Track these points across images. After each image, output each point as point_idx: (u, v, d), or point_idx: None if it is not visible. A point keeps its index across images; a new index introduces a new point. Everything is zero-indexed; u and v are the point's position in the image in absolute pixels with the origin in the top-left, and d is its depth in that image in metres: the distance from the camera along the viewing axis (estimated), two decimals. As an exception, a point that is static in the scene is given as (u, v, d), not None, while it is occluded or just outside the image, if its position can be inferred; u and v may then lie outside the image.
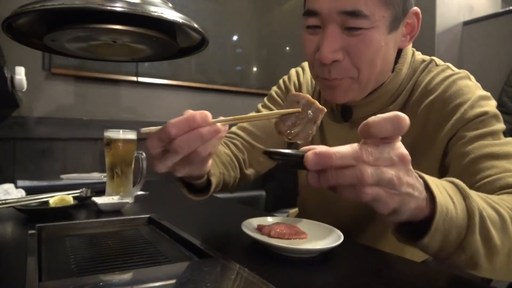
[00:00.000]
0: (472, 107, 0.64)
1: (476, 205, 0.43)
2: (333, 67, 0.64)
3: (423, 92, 0.69)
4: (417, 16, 0.67)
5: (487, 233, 0.44)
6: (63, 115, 1.49)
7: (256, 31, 1.98)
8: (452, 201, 0.43)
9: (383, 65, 0.66)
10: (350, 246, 0.64)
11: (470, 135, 0.61)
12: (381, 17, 0.61)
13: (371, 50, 0.62)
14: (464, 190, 0.44)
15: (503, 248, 0.45)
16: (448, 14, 2.17)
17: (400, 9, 0.63)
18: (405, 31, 0.67)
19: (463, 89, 0.66)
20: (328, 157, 0.37)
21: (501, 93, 1.96)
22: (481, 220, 0.43)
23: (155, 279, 0.44)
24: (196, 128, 0.48)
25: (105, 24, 0.65)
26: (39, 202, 0.87)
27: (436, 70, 0.71)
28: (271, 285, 0.42)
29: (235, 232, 0.69)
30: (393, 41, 0.65)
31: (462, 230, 0.42)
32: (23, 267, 0.47)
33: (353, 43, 0.62)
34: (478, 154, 0.59)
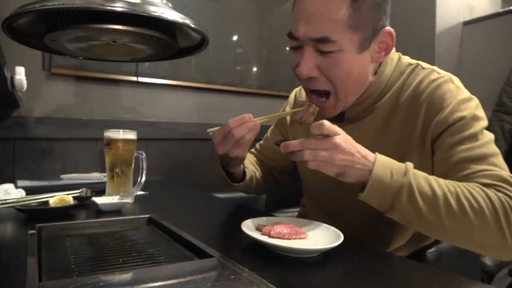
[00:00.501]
0: (452, 112, 0.71)
1: (408, 181, 0.62)
2: (312, 81, 0.75)
3: (413, 94, 0.76)
4: (391, 35, 0.74)
5: (414, 201, 0.61)
6: (63, 115, 1.49)
7: (256, 31, 1.98)
8: (391, 174, 0.63)
9: (358, 80, 0.75)
10: (350, 246, 0.64)
11: (449, 141, 0.69)
12: (348, 40, 0.70)
13: (342, 69, 0.72)
14: (407, 170, 0.63)
15: (430, 215, 0.61)
16: (448, 14, 2.17)
17: (369, 31, 0.71)
18: (378, 48, 0.74)
19: (446, 94, 0.72)
20: (287, 146, 0.65)
21: (501, 93, 1.96)
22: (410, 192, 0.61)
23: (155, 279, 0.44)
24: (245, 123, 0.73)
25: (105, 24, 0.65)
26: (39, 202, 0.87)
27: (423, 73, 0.77)
28: (271, 285, 0.42)
29: (235, 232, 0.69)
30: (365, 59, 0.74)
31: (393, 195, 0.62)
32: (23, 267, 0.47)
33: (326, 63, 0.72)
34: (455, 159, 0.68)
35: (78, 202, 0.89)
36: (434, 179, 0.64)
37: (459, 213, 0.60)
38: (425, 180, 0.63)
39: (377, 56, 0.75)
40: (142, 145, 1.59)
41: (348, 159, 0.62)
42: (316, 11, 0.69)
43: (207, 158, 1.80)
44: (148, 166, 1.03)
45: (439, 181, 0.64)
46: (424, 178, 0.63)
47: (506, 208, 0.60)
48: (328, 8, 0.68)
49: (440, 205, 0.60)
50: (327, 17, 0.69)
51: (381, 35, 0.73)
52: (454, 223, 0.60)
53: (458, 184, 0.63)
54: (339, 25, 0.69)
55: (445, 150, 0.70)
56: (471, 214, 0.60)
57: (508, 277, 1.41)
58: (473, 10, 2.28)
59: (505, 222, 0.60)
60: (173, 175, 1.70)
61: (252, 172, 0.97)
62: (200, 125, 1.79)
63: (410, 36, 2.21)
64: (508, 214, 0.60)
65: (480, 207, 0.60)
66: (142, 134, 1.36)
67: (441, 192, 0.61)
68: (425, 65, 0.80)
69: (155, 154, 1.66)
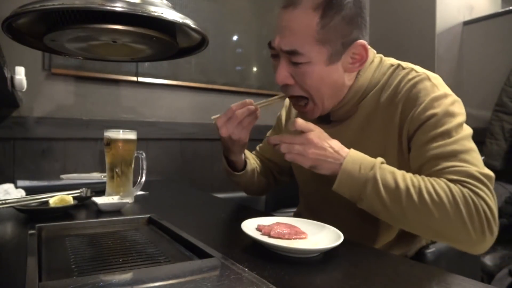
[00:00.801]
0: (425, 109, 0.73)
1: (374, 174, 0.67)
2: (288, 87, 0.81)
3: (392, 93, 0.79)
4: (364, 47, 0.77)
5: (378, 193, 0.66)
6: (63, 115, 1.49)
7: (256, 31, 1.98)
8: (359, 168, 0.68)
9: (331, 88, 0.79)
10: (350, 246, 0.64)
11: (423, 139, 0.72)
12: (317, 53, 0.74)
13: (312, 80, 0.77)
14: (374, 165, 0.68)
15: (392, 207, 0.66)
16: (448, 14, 2.17)
17: (338, 45, 0.75)
18: (352, 60, 0.78)
19: (421, 91, 0.75)
20: (269, 139, 0.76)
21: (501, 93, 1.96)
22: (375, 184, 0.67)
23: (155, 279, 0.44)
24: (247, 105, 0.83)
25: (105, 24, 0.65)
26: (39, 202, 0.87)
27: (402, 73, 0.80)
28: (271, 285, 0.42)
29: (235, 232, 0.69)
30: (336, 70, 0.77)
31: (360, 187, 0.68)
32: (23, 267, 0.47)
33: (297, 73, 0.77)
34: (427, 156, 0.71)
35: (78, 202, 0.89)
36: (400, 174, 0.68)
37: (420, 205, 0.64)
38: (391, 174, 0.67)
39: (350, 66, 0.79)
40: (142, 145, 1.59)
41: (320, 153, 0.70)
42: (288, 25, 0.75)
43: (207, 158, 1.80)
44: (148, 166, 1.04)
45: (405, 175, 0.68)
46: (390, 173, 0.68)
47: (469, 203, 0.63)
48: (298, 23, 0.74)
49: (402, 198, 0.65)
50: (297, 31, 0.74)
51: (354, 47, 0.76)
52: (415, 214, 0.65)
53: (424, 179, 0.67)
54: (307, 39, 0.73)
55: (419, 148, 0.73)
56: (431, 207, 0.63)
57: (508, 277, 1.41)
58: (473, 10, 2.28)
59: (467, 216, 0.63)
60: (173, 175, 1.70)
61: (253, 165, 1.02)
62: (200, 125, 1.79)
63: (410, 36, 2.21)
64: (470, 208, 0.63)
65: (440, 201, 0.63)
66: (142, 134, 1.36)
67: (404, 186, 0.66)
68: (405, 65, 0.83)
69: (155, 154, 1.66)
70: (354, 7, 0.75)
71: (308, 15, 0.73)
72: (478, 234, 0.64)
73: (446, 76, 2.42)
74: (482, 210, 0.63)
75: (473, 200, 0.63)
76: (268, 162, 1.10)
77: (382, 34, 2.37)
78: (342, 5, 0.73)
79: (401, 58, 0.87)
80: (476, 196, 0.64)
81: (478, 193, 0.64)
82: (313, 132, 0.71)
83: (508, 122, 1.91)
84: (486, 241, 0.65)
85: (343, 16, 0.74)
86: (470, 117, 2.46)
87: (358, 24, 0.76)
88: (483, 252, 0.68)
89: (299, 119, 0.72)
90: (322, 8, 0.73)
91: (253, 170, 1.01)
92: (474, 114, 2.16)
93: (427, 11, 2.13)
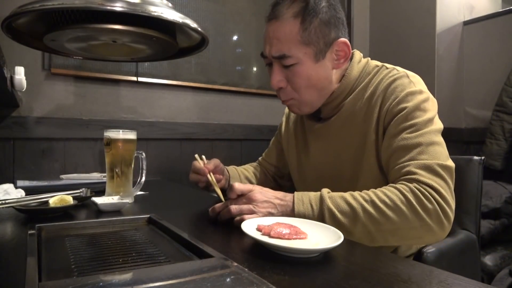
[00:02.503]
0: (398, 102, 0.81)
1: (327, 206, 0.71)
2: (281, 92, 0.90)
3: (374, 90, 0.86)
4: (346, 44, 0.87)
5: (338, 220, 0.70)
6: (63, 115, 1.49)
7: (256, 31, 1.98)
8: (311, 206, 0.72)
9: (319, 84, 0.87)
10: (350, 246, 0.64)
11: (393, 131, 0.79)
12: (303, 54, 0.84)
13: (302, 78, 0.86)
14: (322, 197, 0.72)
15: (355, 228, 0.69)
16: (448, 14, 2.17)
17: (321, 44, 0.84)
18: (336, 56, 0.87)
19: (398, 87, 0.83)
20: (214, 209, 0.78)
21: (501, 93, 1.95)
22: (331, 214, 0.70)
23: (155, 279, 0.44)
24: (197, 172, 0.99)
25: (105, 24, 0.65)
26: (39, 202, 0.87)
27: (385, 72, 0.87)
28: (271, 285, 0.42)
29: (235, 232, 0.69)
30: (324, 67, 0.86)
31: (320, 221, 0.69)
32: (23, 267, 0.47)
33: (289, 75, 0.86)
34: (394, 147, 0.78)
35: (78, 202, 0.89)
36: (349, 195, 0.72)
37: (379, 216, 0.69)
38: (341, 199, 0.71)
39: (336, 63, 0.88)
40: (142, 145, 1.59)
41: (268, 206, 0.73)
42: (275, 35, 0.85)
43: (207, 158, 1.79)
44: (148, 166, 1.04)
45: (354, 195, 0.72)
46: (340, 197, 0.72)
47: (418, 195, 0.69)
48: (283, 31, 0.84)
49: (360, 215, 0.69)
50: (283, 38, 0.84)
51: (336, 45, 0.86)
52: (377, 225, 0.69)
53: (373, 190, 0.72)
54: (293, 43, 0.83)
55: (389, 138, 0.80)
56: (388, 213, 0.68)
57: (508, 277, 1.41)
58: (473, 10, 2.28)
59: (421, 208, 0.68)
60: (173, 175, 1.70)
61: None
62: (200, 125, 1.79)
63: (410, 35, 2.21)
64: (421, 200, 0.68)
65: (394, 204, 0.69)
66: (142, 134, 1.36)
67: (357, 204, 0.70)
68: (388, 65, 0.90)
69: (155, 154, 1.66)
70: (329, 10, 0.85)
71: (290, 23, 0.83)
72: (435, 223, 0.69)
73: (446, 76, 2.43)
74: (433, 198, 0.69)
75: (421, 191, 0.69)
76: (271, 167, 1.18)
77: (382, 34, 2.37)
78: (318, 10, 0.83)
79: (401, 57, 0.89)
80: (425, 187, 0.70)
81: (428, 184, 0.70)
82: (254, 190, 0.75)
83: (508, 122, 1.91)
84: (444, 229, 0.70)
85: (320, 19, 0.83)
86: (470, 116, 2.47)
87: (335, 24, 0.85)
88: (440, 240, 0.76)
89: (235, 184, 0.75)
90: (301, 15, 0.83)
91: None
92: (474, 114, 2.16)
93: (427, 10, 2.13)
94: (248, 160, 1.26)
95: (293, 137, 1.06)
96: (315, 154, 0.97)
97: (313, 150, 0.98)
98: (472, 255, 0.97)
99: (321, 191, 0.74)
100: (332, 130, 0.92)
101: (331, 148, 0.92)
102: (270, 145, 1.22)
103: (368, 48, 2.41)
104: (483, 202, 1.67)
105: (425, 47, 2.14)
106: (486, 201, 1.70)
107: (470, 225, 1.01)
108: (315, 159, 0.97)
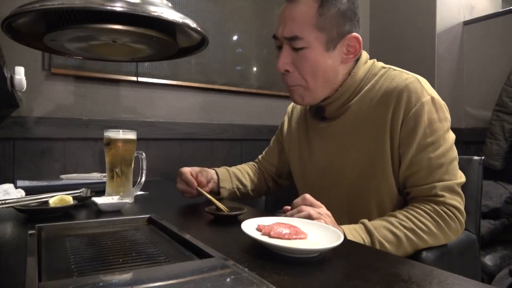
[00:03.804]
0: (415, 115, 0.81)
1: (377, 238, 0.76)
2: (288, 76, 0.89)
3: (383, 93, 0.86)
4: (358, 40, 0.87)
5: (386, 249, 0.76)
6: (63, 115, 1.49)
7: (256, 31, 1.98)
8: (361, 238, 0.75)
9: (326, 75, 0.87)
10: (350, 246, 0.64)
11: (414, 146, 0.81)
12: (315, 38, 0.84)
13: (309, 64, 0.85)
14: (369, 229, 0.76)
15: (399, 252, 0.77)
16: (448, 14, 2.17)
17: (334, 33, 0.84)
18: (346, 51, 0.87)
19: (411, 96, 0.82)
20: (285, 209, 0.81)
21: (501, 93, 1.95)
22: (381, 245, 0.76)
23: (155, 279, 0.44)
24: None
25: (105, 24, 0.65)
26: (39, 202, 0.87)
27: (394, 75, 0.87)
28: (271, 285, 0.42)
29: (235, 232, 0.69)
30: (333, 58, 0.86)
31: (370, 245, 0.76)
32: (23, 267, 0.47)
33: (298, 58, 0.86)
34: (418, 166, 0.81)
35: (78, 202, 0.89)
36: (391, 225, 0.78)
37: (420, 242, 0.79)
38: (386, 230, 0.77)
39: (345, 57, 0.88)
40: (142, 145, 1.59)
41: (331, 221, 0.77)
42: (289, 15, 0.85)
43: (207, 158, 1.80)
44: (148, 166, 1.04)
45: (394, 224, 0.78)
46: (385, 228, 0.77)
47: (444, 217, 0.79)
48: (299, 12, 0.84)
49: (404, 243, 0.78)
50: (298, 19, 0.84)
51: (348, 39, 0.86)
52: (416, 247, 0.80)
53: (409, 217, 0.79)
54: (306, 25, 0.83)
55: (411, 154, 0.82)
56: (426, 238, 0.79)
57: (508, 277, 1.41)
58: (473, 10, 2.28)
59: (447, 227, 0.80)
60: (173, 175, 1.69)
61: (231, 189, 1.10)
62: (200, 125, 1.79)
63: (410, 35, 2.21)
64: (447, 221, 0.80)
65: (429, 230, 0.79)
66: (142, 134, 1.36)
67: (401, 234, 0.77)
68: (396, 68, 0.90)
69: (155, 154, 1.66)
70: (348, 3, 0.85)
71: (308, 4, 0.84)
72: (455, 235, 0.83)
73: (446, 76, 2.43)
74: (456, 217, 0.80)
75: (448, 214, 0.80)
76: (270, 167, 1.19)
77: (382, 34, 2.37)
78: (338, 0, 0.84)
79: (401, 57, 0.89)
80: (451, 207, 0.80)
81: (453, 204, 0.80)
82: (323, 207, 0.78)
83: (508, 122, 1.91)
84: (459, 233, 0.84)
85: (338, 8, 0.84)
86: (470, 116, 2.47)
87: (351, 18, 0.86)
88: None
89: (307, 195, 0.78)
90: (321, 0, 0.83)
91: (232, 193, 1.10)
92: (474, 114, 2.16)
93: (427, 11, 2.13)
94: (248, 160, 1.26)
95: (296, 135, 1.06)
96: (318, 153, 0.97)
97: (316, 149, 0.98)
98: (472, 255, 0.97)
99: (363, 223, 0.78)
100: (338, 131, 0.92)
101: (335, 149, 0.92)
102: (270, 144, 1.22)
103: (368, 48, 2.41)
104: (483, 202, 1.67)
105: (425, 47, 2.14)
106: (486, 201, 1.70)
107: (470, 225, 1.01)
108: (318, 158, 0.97)
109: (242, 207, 0.86)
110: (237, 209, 0.83)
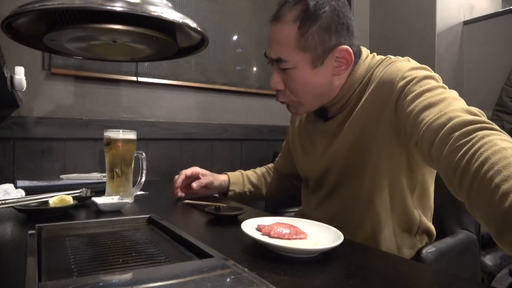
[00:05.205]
0: (403, 77, 0.76)
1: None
2: (280, 93, 0.90)
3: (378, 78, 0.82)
4: (347, 51, 0.83)
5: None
6: (63, 115, 1.49)
7: (256, 31, 1.98)
8: None
9: (317, 91, 0.86)
10: (350, 246, 0.64)
11: (408, 99, 0.72)
12: (300, 59, 0.82)
13: (298, 83, 0.85)
14: None
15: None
16: (448, 13, 2.17)
17: (319, 50, 0.82)
18: (337, 63, 0.84)
19: (399, 67, 0.79)
20: None
21: (501, 92, 1.95)
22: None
23: (155, 279, 0.44)
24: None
25: (105, 24, 0.65)
26: (39, 202, 0.87)
27: (388, 61, 0.85)
28: (271, 285, 0.42)
29: (235, 232, 0.69)
30: (321, 74, 0.84)
31: None
32: (23, 267, 0.47)
33: (287, 78, 0.86)
34: (417, 109, 0.69)
35: (78, 202, 0.89)
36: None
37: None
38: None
39: (337, 69, 0.85)
40: (142, 145, 1.59)
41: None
42: (274, 37, 0.85)
43: (207, 158, 1.80)
44: (148, 166, 1.03)
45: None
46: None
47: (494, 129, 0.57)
48: (281, 34, 0.83)
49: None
50: (280, 42, 0.83)
51: (337, 51, 0.83)
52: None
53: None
54: (289, 48, 0.82)
55: (406, 107, 0.72)
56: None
57: (508, 277, 1.41)
58: (473, 9, 2.28)
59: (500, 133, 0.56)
60: (173, 175, 1.70)
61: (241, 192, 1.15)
62: (200, 125, 1.79)
63: (410, 36, 2.21)
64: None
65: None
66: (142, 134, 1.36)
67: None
68: (393, 57, 0.87)
69: (155, 154, 1.66)
70: (331, 15, 0.81)
71: (288, 27, 0.82)
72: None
73: (446, 76, 2.42)
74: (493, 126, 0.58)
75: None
76: (283, 169, 1.20)
77: (382, 34, 2.37)
78: (318, 16, 0.80)
79: (401, 57, 0.88)
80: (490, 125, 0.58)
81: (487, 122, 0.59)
82: None
83: (508, 121, 1.91)
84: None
85: (319, 25, 0.81)
86: (470, 117, 2.37)
87: (337, 30, 0.82)
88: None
89: None
90: (300, 20, 0.81)
91: (242, 195, 1.14)
92: (474, 114, 2.15)
93: (427, 10, 2.13)
94: (248, 160, 1.26)
95: (298, 136, 1.06)
96: (321, 150, 0.96)
97: (319, 147, 0.97)
98: (472, 255, 0.97)
99: None
100: (337, 125, 0.90)
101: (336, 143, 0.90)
102: (282, 147, 1.23)
103: (368, 48, 2.41)
104: (483, 202, 1.66)
105: (425, 47, 2.14)
106: (486, 201, 1.70)
107: (470, 225, 1.01)
108: (323, 156, 0.96)
109: (242, 207, 0.86)
110: (237, 209, 0.83)
